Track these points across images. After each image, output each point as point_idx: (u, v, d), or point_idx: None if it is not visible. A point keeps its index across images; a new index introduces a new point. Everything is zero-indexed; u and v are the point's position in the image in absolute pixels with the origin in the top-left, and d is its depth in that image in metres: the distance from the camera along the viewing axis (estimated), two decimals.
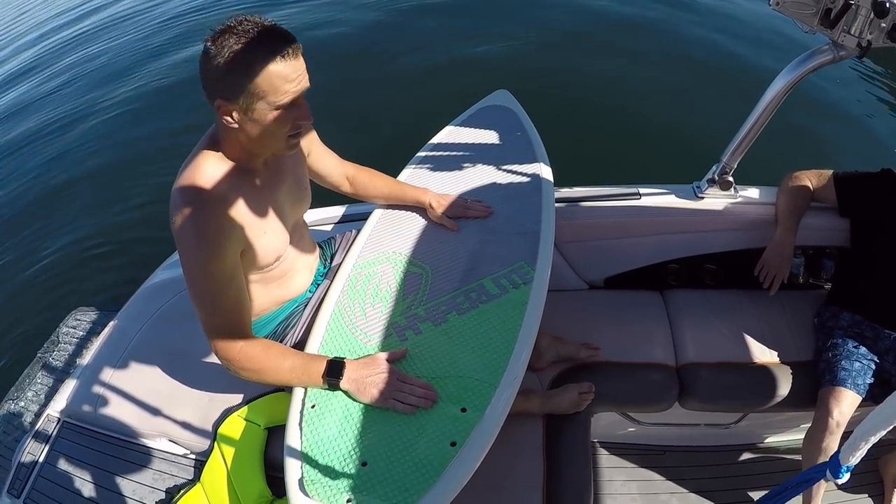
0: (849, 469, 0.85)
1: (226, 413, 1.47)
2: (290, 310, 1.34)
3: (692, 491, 1.75)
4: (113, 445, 1.50)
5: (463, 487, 0.97)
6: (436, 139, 1.77)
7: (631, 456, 1.84)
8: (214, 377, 1.51)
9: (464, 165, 1.66)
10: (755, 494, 1.72)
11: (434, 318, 1.23)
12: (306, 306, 1.35)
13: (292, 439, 1.05)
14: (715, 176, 1.76)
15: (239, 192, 1.08)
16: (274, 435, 1.44)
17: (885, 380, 1.53)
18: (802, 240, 1.74)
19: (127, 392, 1.55)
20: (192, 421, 1.48)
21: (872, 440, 0.79)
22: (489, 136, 1.75)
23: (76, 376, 1.63)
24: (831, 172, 1.73)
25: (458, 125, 1.82)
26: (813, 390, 1.57)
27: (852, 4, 1.22)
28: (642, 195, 1.83)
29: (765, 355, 1.68)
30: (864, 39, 1.25)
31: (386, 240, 1.46)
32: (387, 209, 1.56)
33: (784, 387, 1.62)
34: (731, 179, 1.75)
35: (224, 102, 0.99)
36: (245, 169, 1.11)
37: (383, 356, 1.13)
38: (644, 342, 1.73)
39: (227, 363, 1.10)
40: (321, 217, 1.89)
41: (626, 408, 1.75)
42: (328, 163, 1.42)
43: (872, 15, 1.19)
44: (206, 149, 1.08)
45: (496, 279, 1.30)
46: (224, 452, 1.42)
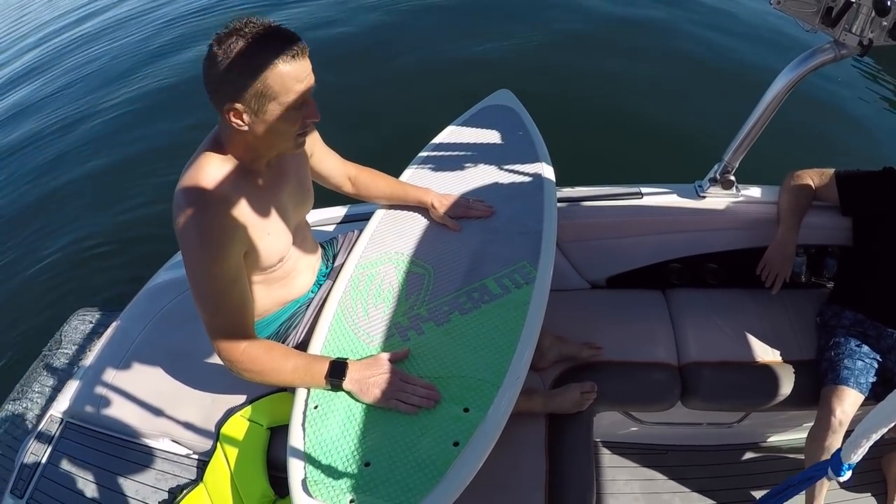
0: (850, 467, 0.85)
1: (228, 413, 1.47)
2: (293, 310, 1.34)
3: (695, 490, 1.75)
4: (116, 446, 1.50)
5: (466, 487, 0.97)
6: (438, 139, 1.77)
7: (633, 455, 1.84)
8: (217, 377, 1.51)
9: (466, 165, 1.66)
10: (758, 493, 1.71)
11: (436, 319, 1.23)
12: (308, 307, 1.35)
13: (295, 440, 1.05)
14: (717, 175, 1.76)
15: (242, 194, 1.08)
16: (276, 435, 1.44)
17: (888, 378, 1.53)
18: (804, 238, 1.74)
19: (130, 392, 1.55)
20: (195, 421, 1.48)
21: (874, 438, 0.79)
22: (491, 136, 1.75)
23: (79, 377, 1.63)
24: (833, 171, 1.73)
25: (460, 125, 1.82)
26: (815, 389, 1.57)
27: (853, 3, 1.21)
28: (644, 194, 1.83)
29: (767, 354, 1.68)
30: (866, 38, 1.25)
31: (388, 240, 1.46)
32: (389, 209, 1.56)
33: (786, 386, 1.62)
34: (733, 178, 1.74)
35: (234, 105, 0.99)
36: (248, 170, 1.11)
37: (386, 356, 1.13)
38: (646, 341, 1.73)
39: (230, 364, 1.10)
40: (323, 217, 1.89)
41: (629, 407, 1.75)
42: (330, 163, 1.42)
43: (874, 13, 1.19)
44: (210, 150, 1.08)
45: (498, 279, 1.29)
46: (227, 452, 1.42)
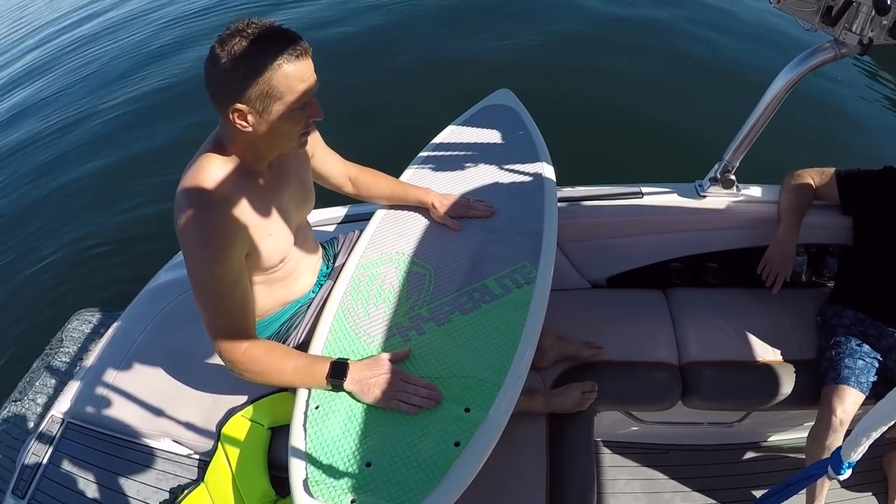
0: (850, 465, 0.84)
1: (229, 413, 1.47)
2: (294, 310, 1.34)
3: (695, 489, 1.75)
4: (117, 446, 1.50)
5: (467, 487, 0.97)
6: (438, 139, 1.77)
7: (634, 455, 1.84)
8: (218, 378, 1.51)
9: (466, 165, 1.65)
10: (758, 493, 1.71)
11: (437, 319, 1.23)
12: (309, 307, 1.35)
13: (296, 440, 1.05)
14: (717, 174, 1.76)
15: (244, 194, 1.08)
16: (277, 435, 1.44)
17: (889, 377, 1.53)
18: (805, 238, 1.74)
19: (130, 393, 1.55)
20: (196, 421, 1.48)
21: (874, 436, 0.79)
22: (491, 136, 1.75)
23: (80, 377, 1.63)
24: (833, 170, 1.73)
25: (461, 125, 1.82)
26: (816, 388, 1.57)
27: (853, 2, 1.21)
28: (644, 194, 1.82)
29: (768, 354, 1.68)
30: (866, 37, 1.24)
31: (389, 240, 1.46)
32: (389, 209, 1.56)
33: (787, 385, 1.62)
34: (734, 178, 1.74)
35: (238, 106, 0.99)
36: (250, 171, 1.11)
37: (387, 357, 1.13)
38: (647, 341, 1.73)
39: (231, 365, 1.10)
40: (324, 217, 1.89)
41: (630, 407, 1.75)
42: (331, 164, 1.42)
43: (874, 12, 1.18)
44: (211, 151, 1.08)
45: (499, 279, 1.29)
46: (228, 452, 1.42)
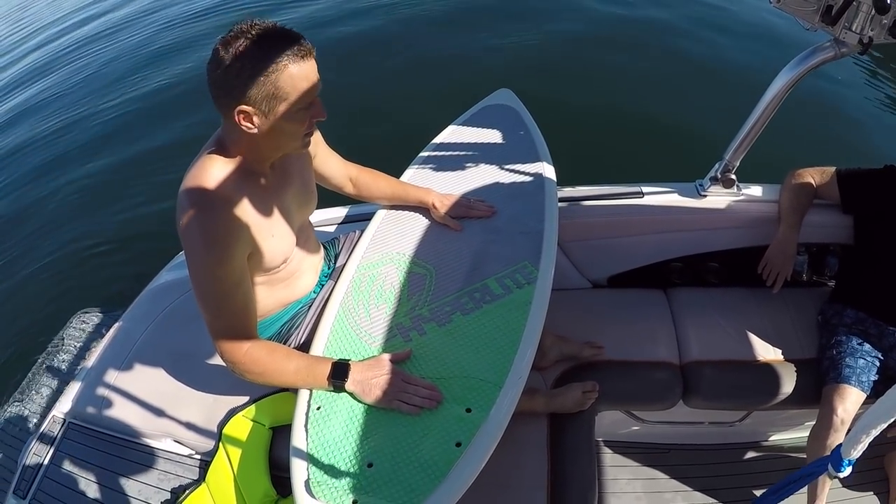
0: (851, 463, 0.84)
1: (231, 413, 1.48)
2: (295, 311, 1.34)
3: (696, 489, 1.75)
4: (118, 446, 1.51)
5: (468, 487, 0.97)
6: (438, 139, 1.77)
7: (635, 454, 1.84)
8: (219, 378, 1.52)
9: (467, 165, 1.65)
10: (759, 492, 1.69)
11: (438, 319, 1.23)
12: (310, 307, 1.35)
13: (298, 441, 1.05)
14: (717, 174, 1.76)
15: (246, 195, 1.08)
16: (279, 435, 1.44)
17: (890, 376, 1.53)
18: (806, 237, 1.73)
19: (132, 393, 1.55)
20: (197, 421, 1.48)
21: (874, 433, 0.79)
22: (492, 136, 1.75)
23: (81, 378, 1.63)
24: (834, 169, 1.72)
25: (461, 125, 1.82)
26: (817, 388, 1.57)
27: (853, 1, 1.21)
28: (645, 194, 1.82)
29: (769, 353, 1.68)
30: (866, 36, 1.25)
31: (389, 240, 1.46)
32: (390, 210, 1.56)
33: (788, 384, 1.62)
34: (734, 177, 1.74)
35: (244, 107, 0.98)
36: (252, 172, 1.11)
37: (388, 357, 1.13)
38: (648, 340, 1.73)
39: (233, 365, 1.10)
40: (325, 217, 1.89)
41: (631, 406, 1.75)
42: (332, 164, 1.42)
43: (874, 11, 1.18)
44: (213, 152, 1.08)
45: (500, 279, 1.29)
46: (229, 452, 1.42)
